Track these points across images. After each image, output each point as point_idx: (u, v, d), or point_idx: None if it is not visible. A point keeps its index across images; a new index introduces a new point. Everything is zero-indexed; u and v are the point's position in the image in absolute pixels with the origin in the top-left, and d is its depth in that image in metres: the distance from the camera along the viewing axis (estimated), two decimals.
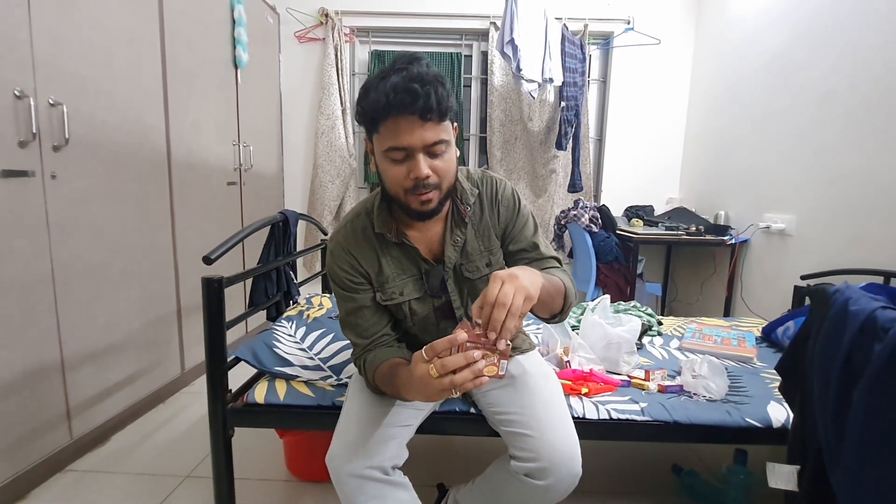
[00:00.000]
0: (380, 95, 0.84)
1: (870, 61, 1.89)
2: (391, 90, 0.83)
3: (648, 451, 1.74)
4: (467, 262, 1.04)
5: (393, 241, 1.01)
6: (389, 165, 0.90)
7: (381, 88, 0.84)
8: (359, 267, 1.02)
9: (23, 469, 1.43)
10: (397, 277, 1.03)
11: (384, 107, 0.84)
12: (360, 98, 0.89)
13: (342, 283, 1.03)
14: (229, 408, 1.24)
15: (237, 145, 2.58)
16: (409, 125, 0.86)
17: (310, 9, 3.16)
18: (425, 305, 1.05)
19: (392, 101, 0.83)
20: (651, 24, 3.22)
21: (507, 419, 1.05)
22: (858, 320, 0.83)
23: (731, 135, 2.84)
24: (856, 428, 0.79)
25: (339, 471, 0.95)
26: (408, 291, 1.03)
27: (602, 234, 2.87)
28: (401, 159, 0.89)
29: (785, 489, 0.95)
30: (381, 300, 1.03)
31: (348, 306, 1.04)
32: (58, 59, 1.48)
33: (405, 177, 0.90)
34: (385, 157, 0.90)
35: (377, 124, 0.88)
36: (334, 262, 1.03)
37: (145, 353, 1.94)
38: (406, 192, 0.92)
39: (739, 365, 1.54)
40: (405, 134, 0.86)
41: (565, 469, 0.96)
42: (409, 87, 0.83)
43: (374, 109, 0.86)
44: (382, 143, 0.89)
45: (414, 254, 1.03)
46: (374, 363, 1.00)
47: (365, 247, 1.02)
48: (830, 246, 2.07)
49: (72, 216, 1.55)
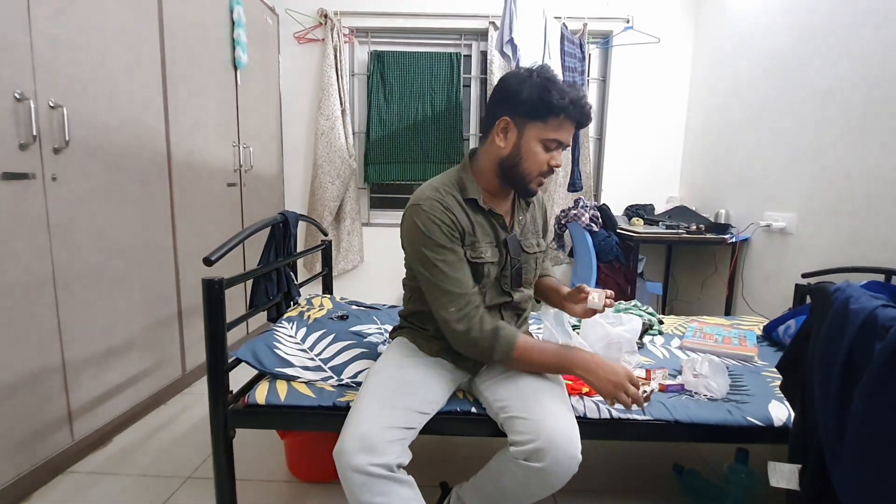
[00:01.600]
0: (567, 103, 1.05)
1: (870, 59, 1.89)
2: (577, 103, 1.07)
3: (650, 450, 1.74)
4: (525, 238, 1.24)
5: (483, 206, 1.15)
6: (540, 150, 1.10)
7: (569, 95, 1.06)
8: (457, 223, 1.12)
9: (25, 471, 1.43)
10: (483, 241, 1.16)
11: (567, 110, 1.06)
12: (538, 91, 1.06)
13: (444, 237, 1.10)
14: (230, 409, 1.24)
15: (237, 146, 2.58)
16: (569, 128, 1.10)
17: (309, 9, 3.16)
18: (497, 269, 1.18)
19: (574, 112, 1.07)
20: (650, 22, 3.22)
21: (506, 406, 1.09)
22: (859, 319, 0.83)
23: (731, 133, 2.84)
24: (856, 426, 0.79)
25: (346, 466, 0.97)
26: (489, 255, 1.16)
27: (602, 234, 2.86)
28: (552, 148, 1.10)
29: (786, 488, 0.95)
30: (471, 257, 1.13)
31: (451, 258, 1.10)
32: (58, 61, 1.48)
33: (546, 162, 1.11)
34: (540, 143, 1.09)
35: (548, 117, 1.07)
36: (433, 219, 1.09)
37: (146, 354, 1.95)
38: (539, 174, 1.13)
39: (740, 364, 1.54)
40: (566, 134, 1.10)
41: (563, 450, 0.98)
42: (587, 110, 1.10)
43: (558, 108, 1.05)
44: (544, 133, 1.08)
45: (496, 221, 1.18)
46: (513, 332, 1.11)
47: (458, 209, 1.13)
48: (831, 244, 2.07)
49: (72, 218, 1.55)
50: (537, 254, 1.27)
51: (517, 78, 1.09)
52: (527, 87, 1.07)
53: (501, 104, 1.11)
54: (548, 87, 1.06)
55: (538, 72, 1.08)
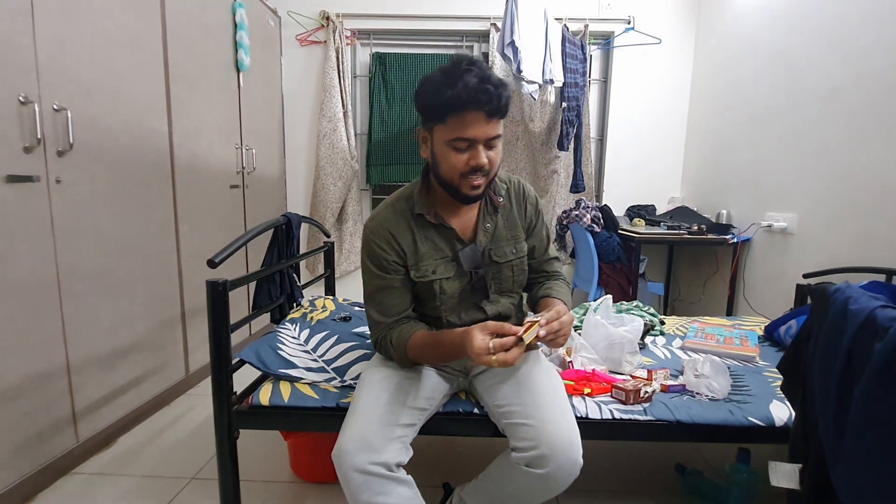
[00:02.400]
0: (456, 92, 0.94)
1: (872, 58, 1.89)
2: (467, 88, 0.94)
3: (652, 450, 1.74)
4: (496, 246, 1.16)
5: (431, 221, 1.12)
6: (451, 153, 1.01)
7: (456, 85, 0.94)
8: (396, 245, 1.11)
9: (29, 472, 1.44)
10: (431, 257, 1.13)
11: (463, 102, 0.95)
12: (431, 92, 0.98)
13: (377, 261, 1.12)
14: (234, 410, 1.25)
15: (239, 148, 2.59)
16: (476, 120, 0.98)
17: (311, 12, 3.18)
18: (456, 284, 1.14)
19: (467, 98, 0.95)
20: (651, 23, 3.22)
21: (508, 411, 1.09)
22: (858, 319, 0.84)
23: (732, 133, 2.84)
24: (856, 426, 0.79)
25: (345, 466, 0.97)
26: (440, 271, 1.13)
27: (604, 234, 2.87)
28: (463, 148, 1.01)
29: (787, 487, 0.96)
30: (415, 277, 1.12)
31: (377, 284, 1.13)
32: (61, 64, 1.49)
33: (464, 164, 1.01)
34: (448, 145, 1.01)
35: (445, 116, 0.98)
36: (373, 240, 1.12)
37: (150, 355, 1.95)
38: (461, 177, 1.03)
39: (742, 364, 1.54)
40: (472, 128, 0.98)
41: (565, 456, 0.98)
42: (485, 88, 0.95)
43: (449, 103, 0.96)
44: (448, 134, 1.00)
45: (450, 234, 1.13)
46: (405, 335, 1.10)
47: (403, 227, 1.12)
48: (833, 244, 2.07)
49: (76, 220, 1.56)
50: (513, 262, 1.18)
51: (421, 83, 1.02)
52: (424, 91, 1.00)
53: (420, 115, 1.06)
54: (439, 82, 0.96)
55: (443, 69, 0.99)
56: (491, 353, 0.92)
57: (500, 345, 0.92)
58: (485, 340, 0.94)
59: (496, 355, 0.92)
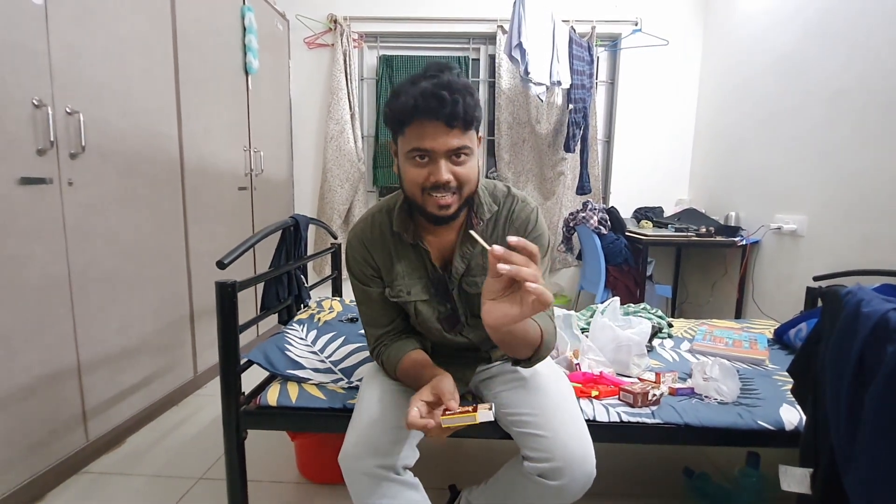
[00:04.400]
0: (408, 99, 0.87)
1: (880, 59, 1.88)
2: (420, 95, 0.86)
3: (660, 453, 1.73)
4: (468, 275, 1.05)
5: (408, 241, 1.04)
6: (411, 167, 0.93)
7: (410, 92, 0.87)
8: (371, 261, 1.07)
9: (40, 471, 1.46)
10: (407, 277, 1.06)
11: (411, 110, 0.87)
12: (390, 100, 0.92)
13: (357, 273, 1.10)
14: (242, 410, 1.26)
15: (248, 151, 2.61)
16: (433, 130, 0.88)
17: (319, 15, 3.20)
18: (431, 309, 1.08)
19: (420, 105, 0.86)
20: (659, 25, 3.21)
21: (519, 420, 1.05)
22: (871, 322, 0.83)
23: (740, 135, 2.82)
24: (868, 430, 0.78)
25: (351, 469, 0.96)
26: (415, 292, 1.07)
27: (611, 236, 2.86)
28: (423, 162, 0.91)
29: (798, 492, 0.95)
30: (390, 295, 1.07)
31: (360, 296, 1.12)
32: (74, 68, 1.51)
33: (425, 179, 0.92)
34: (407, 158, 0.93)
35: (403, 127, 0.91)
36: (350, 253, 1.09)
37: (159, 356, 1.97)
38: (423, 193, 0.93)
39: (751, 367, 1.53)
40: (429, 138, 0.89)
41: (579, 469, 0.96)
42: (438, 94, 0.86)
43: (402, 112, 0.89)
44: (406, 145, 0.92)
45: (425, 257, 1.05)
46: (394, 359, 1.07)
47: (380, 243, 1.06)
48: (843, 246, 2.05)
49: (88, 222, 1.58)
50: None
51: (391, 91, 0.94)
52: (388, 100, 0.93)
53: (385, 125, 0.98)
54: (395, 91, 0.90)
55: (411, 76, 0.91)
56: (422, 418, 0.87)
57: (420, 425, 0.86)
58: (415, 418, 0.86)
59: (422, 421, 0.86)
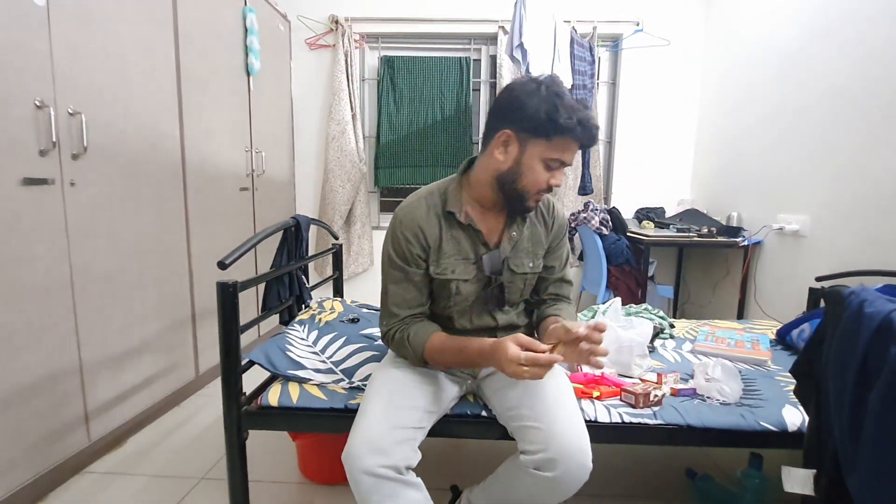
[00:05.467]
0: (573, 123, 1.00)
1: (883, 58, 1.87)
2: (582, 125, 1.00)
3: (662, 455, 1.72)
4: (515, 256, 1.17)
5: (461, 221, 1.12)
6: (541, 169, 1.05)
7: (573, 116, 0.99)
8: (422, 238, 1.11)
9: (42, 471, 1.46)
10: (453, 256, 1.13)
11: (572, 130, 1.00)
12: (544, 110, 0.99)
13: (401, 252, 1.12)
14: (244, 410, 1.26)
15: (249, 151, 2.62)
16: (573, 149, 1.05)
17: (320, 16, 3.20)
18: (472, 288, 1.15)
19: (579, 133, 1.01)
20: (660, 25, 3.21)
21: (516, 414, 1.08)
22: (874, 323, 0.82)
23: (742, 135, 2.82)
24: (872, 431, 0.78)
25: (355, 468, 0.97)
26: (459, 272, 1.13)
27: (613, 237, 2.85)
28: (554, 168, 1.06)
29: (801, 493, 0.94)
30: (434, 273, 1.12)
31: (397, 275, 1.13)
32: (76, 69, 1.51)
33: (546, 181, 1.06)
34: (541, 161, 1.04)
35: (553, 136, 1.01)
36: (400, 231, 1.11)
37: (161, 356, 1.97)
38: (537, 192, 1.08)
39: (754, 368, 1.53)
40: (570, 154, 1.05)
41: (574, 461, 0.97)
42: (592, 131, 1.03)
43: (563, 128, 1.00)
44: (548, 152, 1.03)
45: (476, 237, 1.14)
46: (423, 334, 1.10)
47: (433, 221, 1.12)
48: (845, 247, 2.05)
49: (90, 222, 1.58)
50: (527, 275, 1.18)
51: (524, 90, 1.02)
52: (534, 102, 1.00)
53: (505, 116, 1.04)
54: (556, 104, 0.99)
55: (547, 85, 1.01)
56: (523, 364, 0.93)
57: (532, 360, 0.93)
58: (518, 352, 0.94)
59: (528, 368, 0.93)
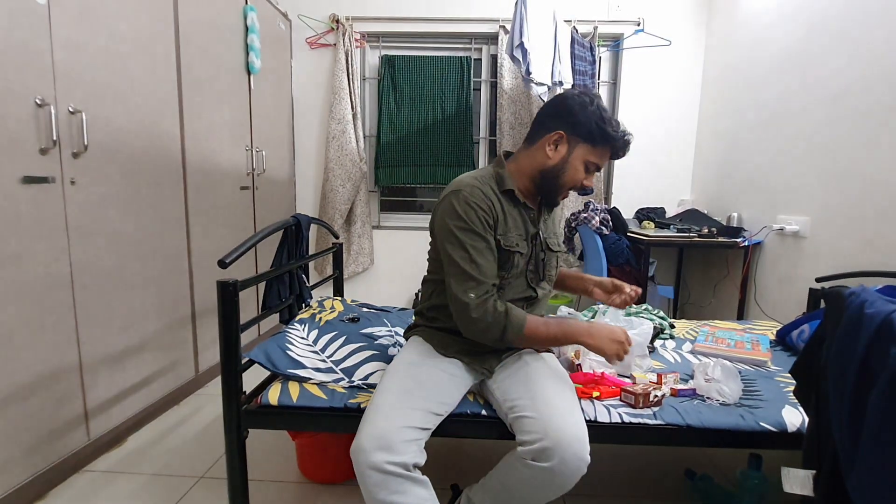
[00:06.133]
0: (619, 138, 1.20)
1: (884, 59, 1.87)
2: (624, 141, 1.21)
3: (661, 455, 1.72)
4: (550, 237, 1.33)
5: (519, 199, 1.23)
6: (581, 168, 1.22)
7: (619, 135, 1.20)
8: (493, 209, 1.19)
9: (42, 469, 1.46)
10: (513, 230, 1.23)
11: (614, 143, 1.20)
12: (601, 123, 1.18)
13: (479, 222, 1.15)
14: (243, 409, 1.26)
15: (250, 150, 2.62)
16: (608, 157, 1.24)
17: (321, 15, 3.20)
18: (524, 262, 1.25)
19: (619, 146, 1.21)
20: (661, 25, 3.21)
21: (515, 406, 1.11)
22: (874, 323, 0.82)
23: (743, 135, 2.82)
24: (872, 432, 0.78)
25: (363, 463, 0.98)
26: (519, 245, 1.22)
27: (613, 237, 2.85)
28: (590, 170, 1.23)
29: (801, 494, 0.94)
30: (504, 244, 1.19)
31: (479, 245, 1.15)
32: (77, 67, 1.51)
33: (581, 181, 1.23)
34: (584, 162, 1.21)
35: (598, 144, 1.19)
36: (472, 204, 1.16)
37: (160, 355, 1.97)
38: (572, 188, 1.24)
39: (753, 368, 1.53)
40: (605, 160, 1.24)
41: (571, 451, 0.98)
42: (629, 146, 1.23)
43: (610, 139, 1.19)
44: (591, 156, 1.21)
45: (527, 215, 1.26)
46: (522, 312, 1.16)
47: (495, 198, 1.21)
48: (846, 248, 2.05)
49: (90, 221, 1.58)
50: (558, 253, 1.36)
51: (578, 101, 1.18)
52: (587, 113, 1.17)
53: (559, 119, 1.19)
54: (604, 117, 1.18)
55: (597, 102, 1.20)
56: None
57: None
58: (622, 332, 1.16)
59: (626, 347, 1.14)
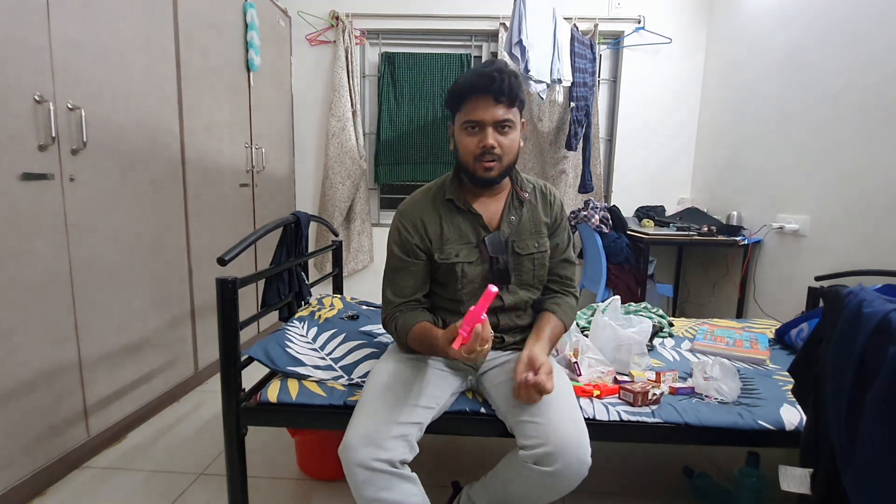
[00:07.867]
0: (466, 80, 1.09)
1: (884, 58, 1.87)
2: (475, 75, 1.08)
3: (660, 453, 1.73)
4: (519, 239, 1.22)
5: (459, 207, 1.19)
6: (464, 136, 1.12)
7: (467, 76, 1.10)
8: (422, 229, 1.18)
9: (41, 466, 1.46)
10: (456, 241, 1.19)
11: (469, 87, 1.08)
12: (451, 87, 1.13)
13: (402, 243, 1.19)
14: (243, 406, 1.26)
15: (249, 147, 2.61)
16: (484, 104, 1.08)
17: (321, 12, 3.19)
18: (477, 269, 1.20)
19: (475, 83, 1.07)
20: (662, 23, 3.20)
21: (515, 409, 1.10)
22: (873, 322, 0.82)
23: (743, 134, 2.81)
24: (869, 431, 0.78)
25: (350, 461, 0.99)
26: (462, 255, 1.19)
27: (613, 235, 2.85)
28: (475, 132, 1.11)
29: (798, 492, 0.95)
30: (439, 259, 1.18)
31: (397, 265, 1.21)
32: (76, 64, 1.51)
33: (476, 146, 1.11)
34: (462, 129, 1.12)
35: (460, 103, 1.11)
36: (402, 222, 1.20)
37: (160, 352, 1.97)
38: (475, 160, 1.12)
39: (752, 367, 1.53)
40: (480, 110, 1.09)
41: (573, 455, 0.98)
42: (489, 74, 1.07)
43: (460, 90, 1.09)
44: (461, 118, 1.12)
45: (476, 221, 1.20)
46: (407, 324, 1.16)
47: (433, 212, 1.20)
48: (845, 247, 2.05)
49: (89, 218, 1.58)
50: (534, 255, 1.22)
51: None
52: (448, 90, 1.15)
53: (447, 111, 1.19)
54: (457, 80, 1.13)
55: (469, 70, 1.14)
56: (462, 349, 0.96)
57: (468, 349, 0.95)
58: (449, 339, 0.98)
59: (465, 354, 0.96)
